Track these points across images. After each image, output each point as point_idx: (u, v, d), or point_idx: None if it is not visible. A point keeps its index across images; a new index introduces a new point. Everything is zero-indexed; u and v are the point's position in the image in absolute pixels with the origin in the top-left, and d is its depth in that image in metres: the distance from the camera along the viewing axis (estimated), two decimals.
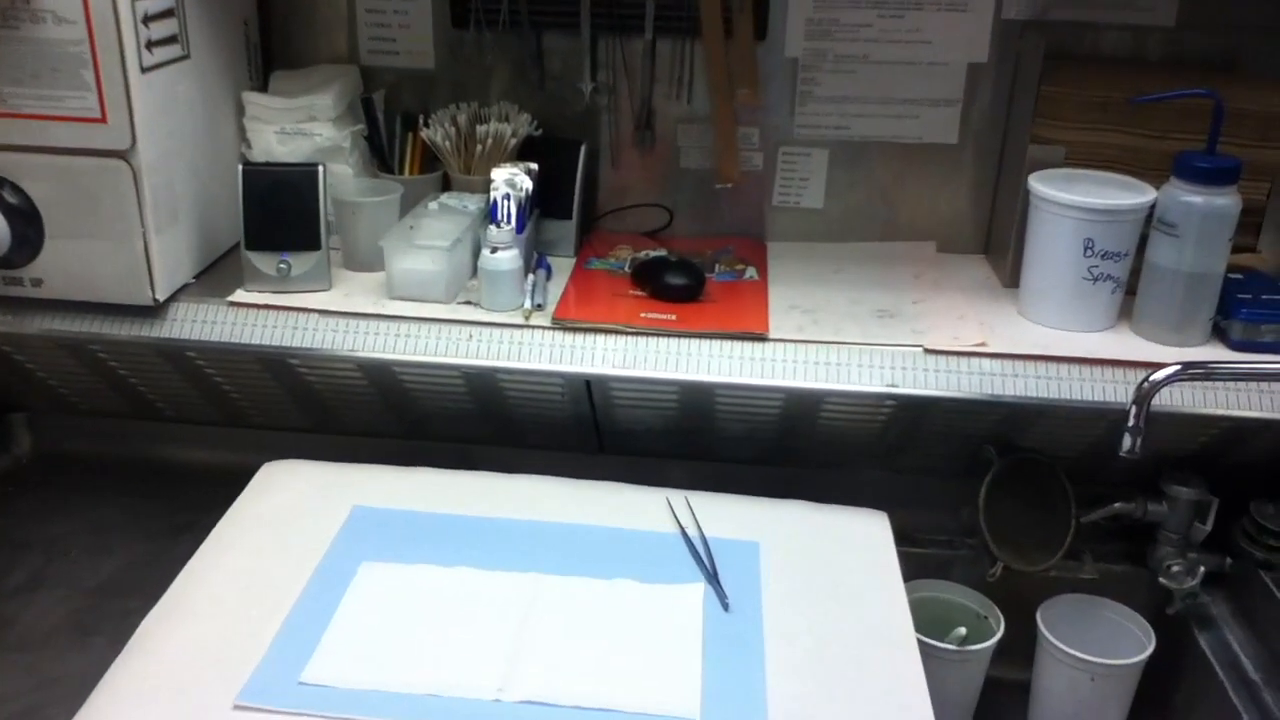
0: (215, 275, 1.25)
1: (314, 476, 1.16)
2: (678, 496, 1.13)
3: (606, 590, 1.00)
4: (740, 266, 1.31)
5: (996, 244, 1.36)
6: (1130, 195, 1.15)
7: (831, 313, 1.21)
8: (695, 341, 1.15)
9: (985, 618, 1.23)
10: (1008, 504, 1.23)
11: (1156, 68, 1.27)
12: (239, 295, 1.19)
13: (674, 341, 1.15)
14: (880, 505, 1.13)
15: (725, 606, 0.98)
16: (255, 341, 1.17)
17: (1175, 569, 1.20)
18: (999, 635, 1.18)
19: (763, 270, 1.31)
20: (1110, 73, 1.23)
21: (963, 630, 1.19)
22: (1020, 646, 1.23)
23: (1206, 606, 1.22)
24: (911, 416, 1.18)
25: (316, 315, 1.18)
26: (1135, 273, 1.18)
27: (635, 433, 1.30)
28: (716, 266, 1.31)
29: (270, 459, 1.18)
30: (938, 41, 1.31)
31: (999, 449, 1.23)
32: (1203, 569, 1.20)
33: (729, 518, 1.11)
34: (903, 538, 1.10)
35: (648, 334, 1.16)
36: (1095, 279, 1.16)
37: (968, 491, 1.26)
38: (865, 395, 1.13)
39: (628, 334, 1.16)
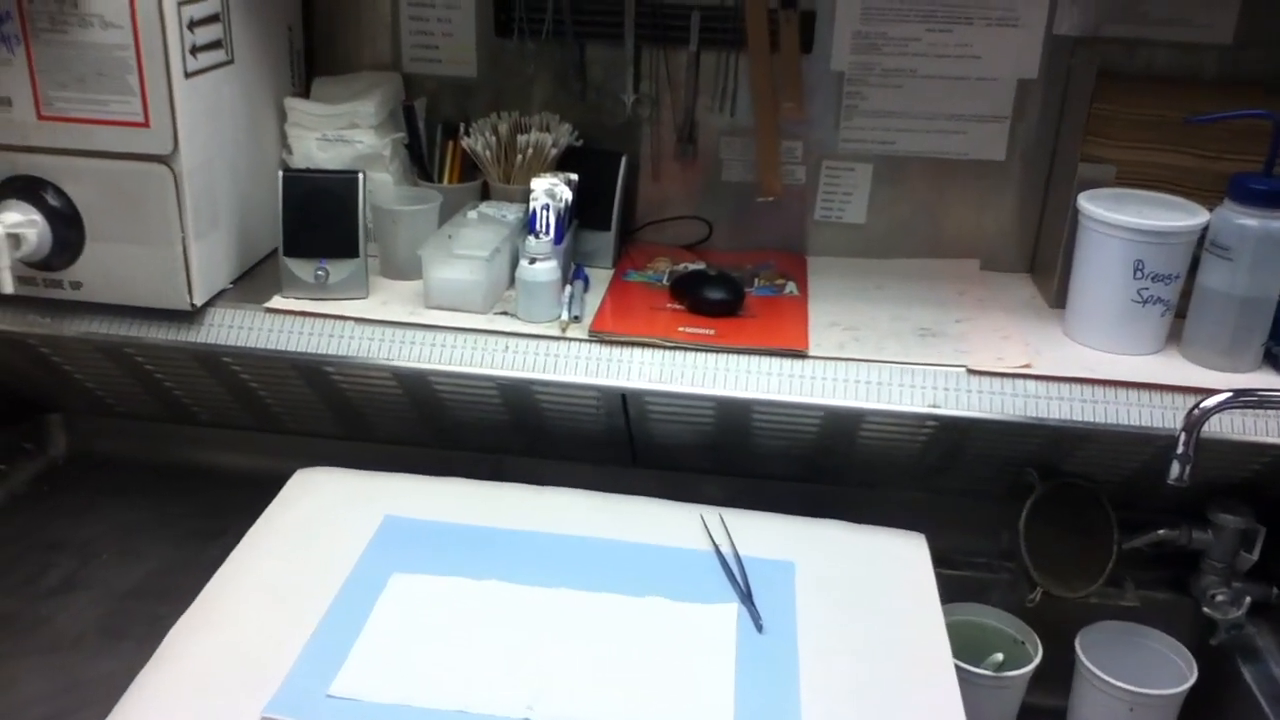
0: (253, 281, 1.25)
1: (346, 484, 1.15)
2: (712, 513, 1.12)
3: (638, 608, 0.98)
4: (780, 281, 1.30)
5: (1042, 263, 1.33)
6: (1182, 216, 1.12)
7: (873, 330, 1.19)
8: (734, 357, 1.14)
9: (1022, 643, 1.20)
10: (1049, 529, 1.20)
11: (1211, 87, 1.24)
12: (276, 302, 1.19)
13: (712, 357, 1.14)
14: (917, 526, 1.11)
15: (759, 627, 0.97)
16: (291, 348, 1.16)
17: (1219, 598, 1.17)
18: (1036, 662, 1.16)
19: (803, 285, 1.29)
20: (1164, 91, 1.20)
21: (999, 656, 1.17)
22: (1057, 673, 1.20)
23: (1251, 638, 1.19)
24: (953, 438, 1.16)
25: (353, 323, 1.18)
26: (1185, 295, 1.15)
27: (670, 447, 1.28)
28: (756, 281, 1.29)
29: (302, 465, 1.18)
30: (987, 57, 1.29)
31: (1041, 473, 1.20)
32: (1249, 599, 1.17)
33: (764, 536, 1.09)
34: (940, 560, 1.08)
35: (686, 349, 1.14)
36: (1144, 301, 1.13)
37: (1007, 514, 1.23)
38: (906, 415, 1.11)
39: (665, 348, 1.14)
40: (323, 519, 1.09)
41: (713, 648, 0.94)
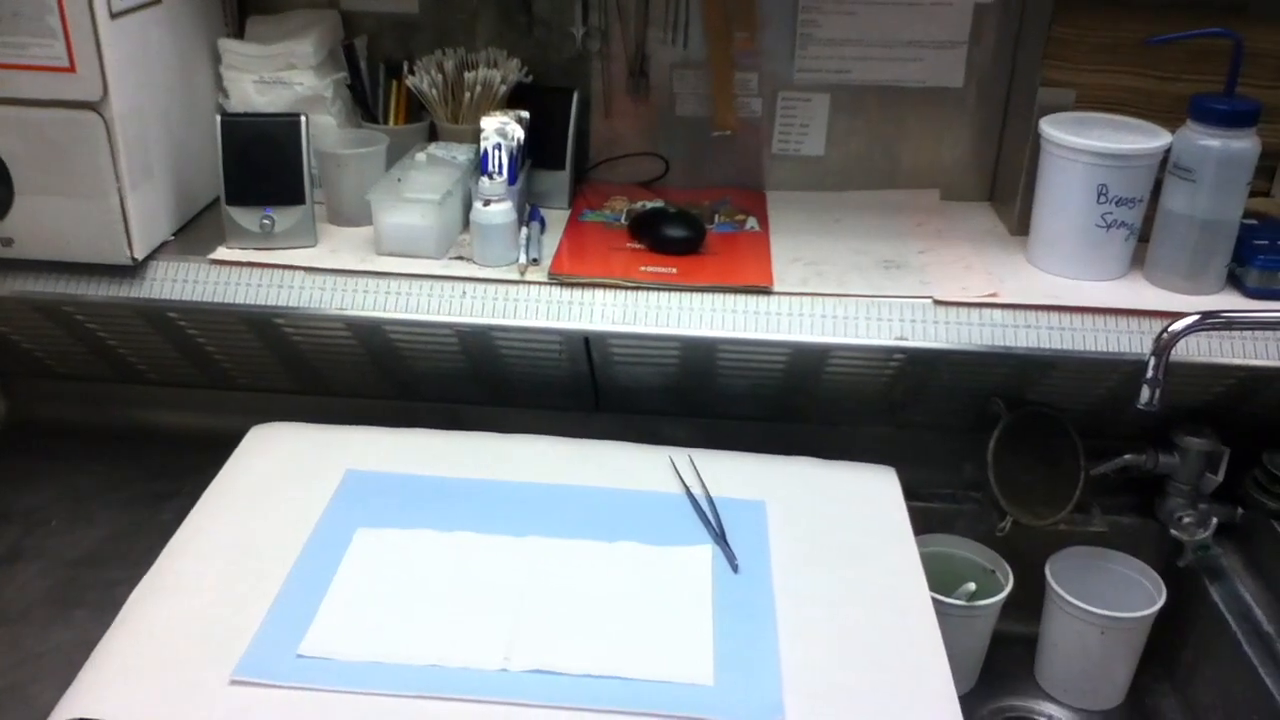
0: (195, 232, 1.20)
1: (304, 439, 1.12)
2: (680, 455, 1.10)
3: (611, 554, 0.97)
4: (740, 217, 1.27)
5: (1002, 191, 1.32)
6: (1144, 139, 1.11)
7: (836, 264, 1.17)
8: (697, 296, 1.11)
9: (993, 572, 1.21)
10: (1016, 458, 1.20)
11: (1170, 7, 1.22)
12: (221, 253, 1.15)
13: (675, 296, 1.11)
14: (885, 460, 1.11)
15: (735, 568, 0.95)
16: (239, 301, 1.12)
17: (1186, 520, 1.18)
18: (1008, 590, 1.16)
19: (763, 221, 1.27)
20: (1122, 13, 1.18)
21: (972, 586, 1.17)
22: (1028, 600, 1.21)
23: (1218, 558, 1.20)
24: (920, 370, 1.15)
25: (302, 273, 1.13)
26: (1148, 220, 1.14)
27: (634, 390, 1.26)
28: (716, 217, 1.27)
29: (255, 421, 1.15)
30: None
31: (1007, 402, 1.20)
32: (1215, 520, 1.18)
33: (734, 476, 1.08)
34: (908, 493, 1.08)
35: (648, 288, 1.12)
36: (1108, 226, 1.12)
37: (973, 445, 1.23)
38: (873, 349, 1.10)
39: (627, 288, 1.12)
40: (282, 476, 1.06)
41: (689, 590, 0.93)
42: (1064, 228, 1.14)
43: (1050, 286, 1.13)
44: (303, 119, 1.15)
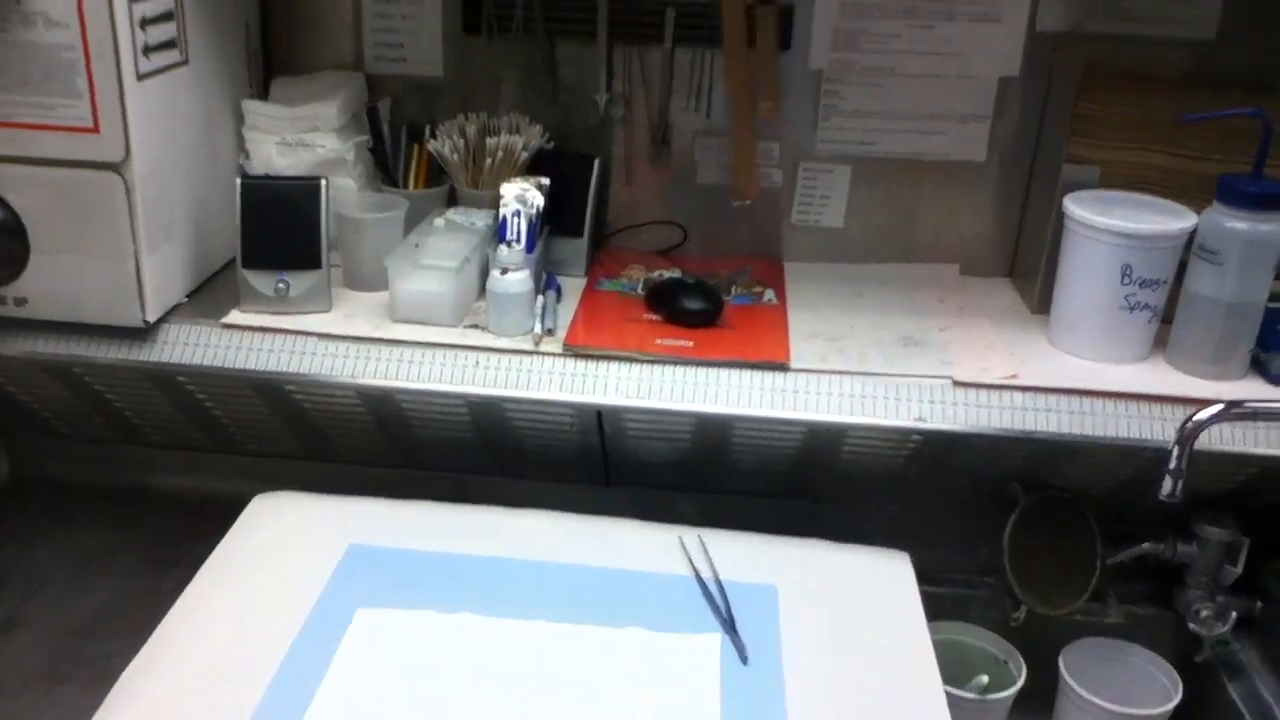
0: (209, 295, 1.20)
1: (306, 510, 1.11)
2: (690, 535, 1.08)
3: (618, 640, 0.95)
4: (758, 289, 1.26)
5: (1023, 268, 1.30)
6: (1171, 220, 1.09)
7: (854, 340, 1.16)
8: (713, 371, 1.10)
9: (1005, 662, 1.18)
10: (1031, 543, 1.18)
11: (1197, 86, 1.21)
12: (234, 317, 1.14)
13: (691, 370, 1.10)
14: (896, 541, 1.09)
15: (744, 659, 0.93)
16: (250, 366, 1.11)
17: (1204, 614, 1.15)
18: (1021, 683, 1.13)
19: (781, 293, 1.26)
20: (1150, 90, 1.17)
21: (984, 678, 1.14)
22: (1039, 691, 1.18)
23: (1236, 654, 1.17)
24: (937, 451, 1.12)
25: (316, 339, 1.13)
26: (1171, 301, 1.12)
27: (645, 465, 1.24)
28: (733, 289, 1.26)
29: (258, 487, 1.13)
30: (968, 54, 1.25)
31: (1024, 486, 1.17)
32: (1234, 614, 1.14)
33: (745, 558, 1.06)
34: (920, 576, 1.05)
35: (663, 362, 1.10)
36: (1132, 308, 1.10)
37: (987, 528, 1.21)
38: (891, 430, 1.08)
39: (643, 362, 1.10)
40: (283, 548, 1.04)
41: (696, 682, 0.90)
42: (1086, 309, 1.12)
43: (1072, 369, 1.11)
44: (323, 183, 1.14)
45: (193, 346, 1.12)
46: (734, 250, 1.35)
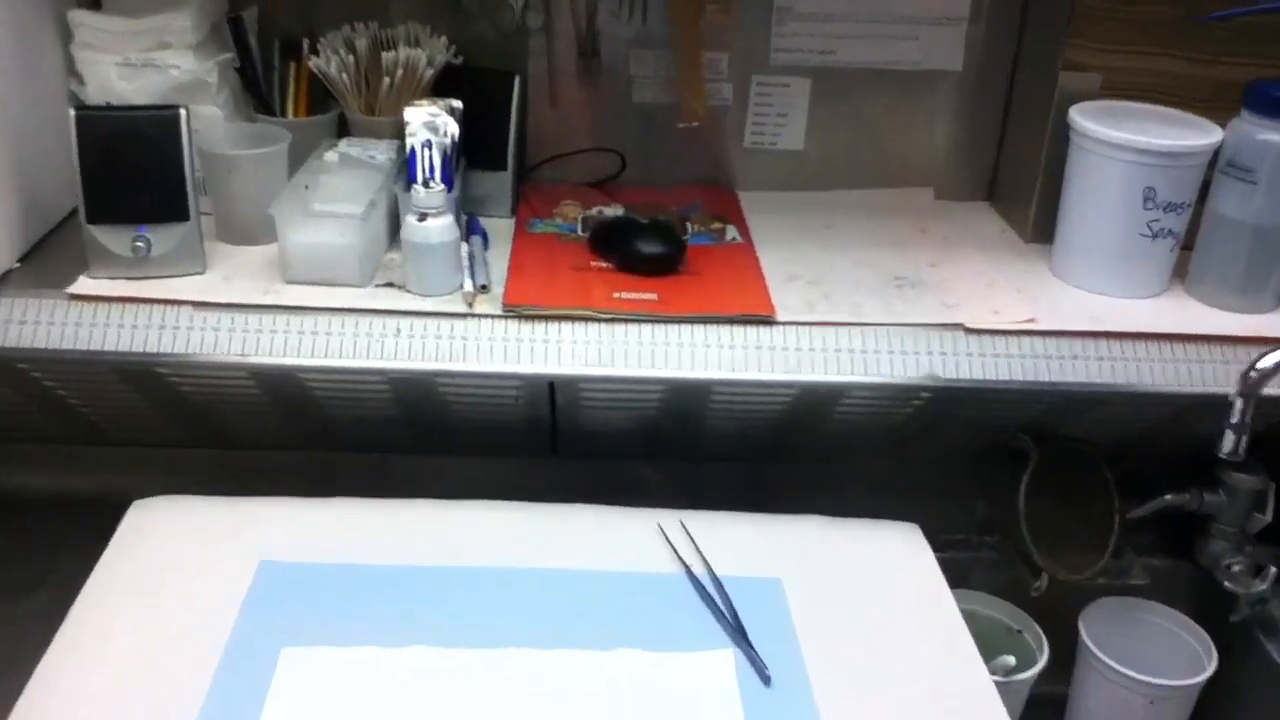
0: (48, 256, 0.95)
1: (200, 516, 0.90)
2: (670, 519, 0.91)
3: (607, 666, 0.77)
4: (717, 225, 1.08)
5: (1007, 191, 1.16)
6: (1195, 134, 0.96)
7: (839, 282, 0.99)
8: (685, 329, 0.92)
9: (1020, 632, 1.05)
10: (1044, 501, 1.05)
11: None
12: (83, 285, 0.90)
13: (659, 330, 0.92)
14: (882, 500, 0.96)
15: (766, 680, 0.77)
16: (109, 347, 0.88)
17: (1236, 568, 1.05)
18: (1045, 660, 1.01)
19: (744, 229, 1.08)
20: None
21: (1011, 660, 1.01)
22: (1055, 655, 1.05)
23: (1272, 609, 1.07)
24: (944, 407, 0.98)
25: (190, 308, 0.90)
26: (1192, 226, 1.00)
27: (599, 433, 1.06)
28: (689, 226, 1.07)
29: (134, 484, 0.92)
30: None
31: (1035, 437, 1.04)
32: (1274, 570, 1.04)
33: (737, 546, 0.90)
34: None
35: (625, 320, 0.92)
36: (1154, 235, 0.97)
37: (986, 479, 1.09)
38: (898, 388, 0.92)
39: (601, 321, 0.92)
40: (177, 569, 0.83)
41: (712, 712, 0.74)
42: (1101, 237, 0.98)
43: (1089, 306, 0.98)
44: (182, 112, 0.91)
45: (33, 325, 0.88)
46: (679, 179, 1.17)
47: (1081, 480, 1.06)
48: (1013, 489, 1.05)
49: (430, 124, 0.97)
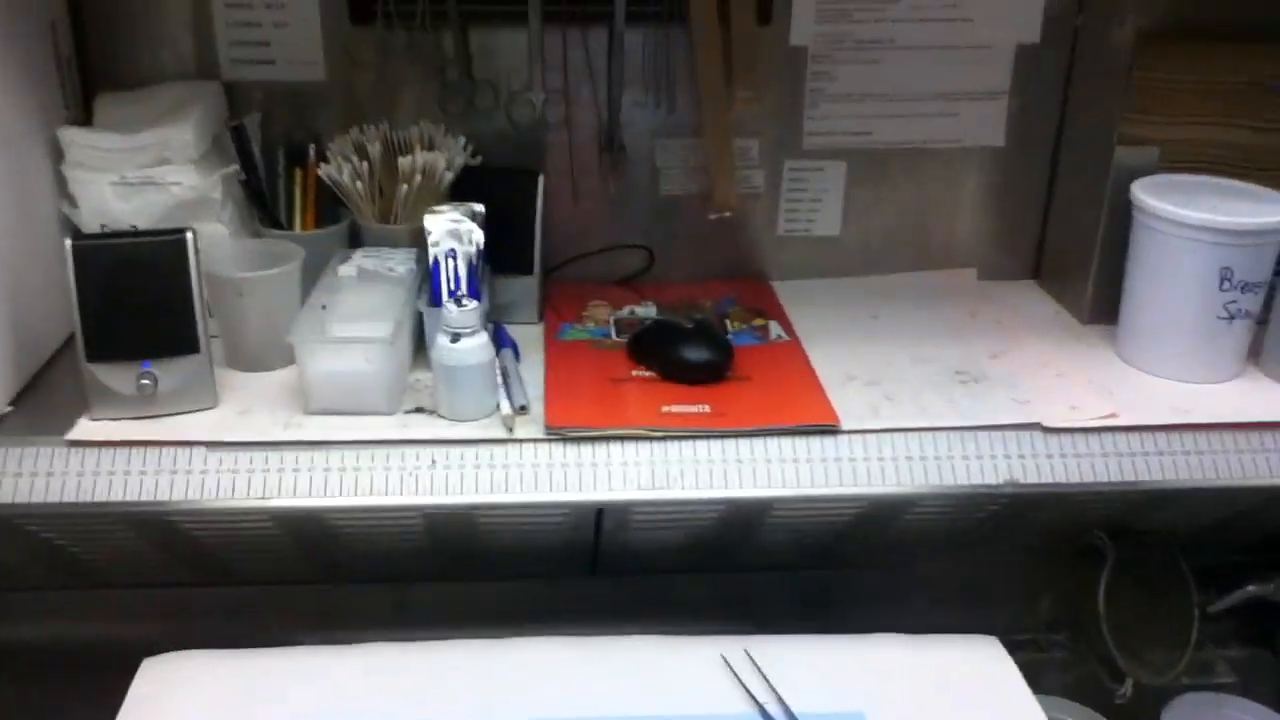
0: (42, 397, 0.87)
1: (220, 674, 0.82)
2: (732, 648, 0.84)
3: None
4: (759, 322, 1.02)
5: (1055, 269, 1.10)
6: (1270, 208, 0.90)
7: (899, 380, 0.93)
8: (745, 442, 0.85)
9: None
10: (1122, 599, 0.98)
11: (1255, 39, 1.01)
12: (84, 429, 0.82)
13: (715, 446, 0.85)
14: (943, 602, 0.95)
15: None
16: (116, 498, 0.80)
17: None
18: None
19: (786, 324, 1.02)
20: (1215, 51, 0.97)
21: None
22: None
23: None
24: (1019, 510, 0.91)
25: (204, 449, 0.82)
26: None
27: (642, 552, 0.99)
28: (729, 324, 1.01)
29: (139, 626, 0.88)
30: (979, 19, 1.04)
31: (1110, 533, 0.97)
32: None
33: (811, 675, 0.83)
34: None
35: (678, 437, 0.85)
36: (1231, 317, 0.91)
37: (1050, 576, 1.02)
38: (976, 495, 0.85)
39: (653, 439, 0.84)
40: None
41: None
42: (1176, 320, 0.92)
43: (1167, 395, 0.91)
44: (189, 235, 0.83)
45: (29, 477, 0.80)
46: (709, 273, 1.10)
47: (1158, 575, 1.00)
48: (1084, 587, 0.99)
49: (454, 232, 0.91)
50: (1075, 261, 1.05)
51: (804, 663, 0.84)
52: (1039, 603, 1.06)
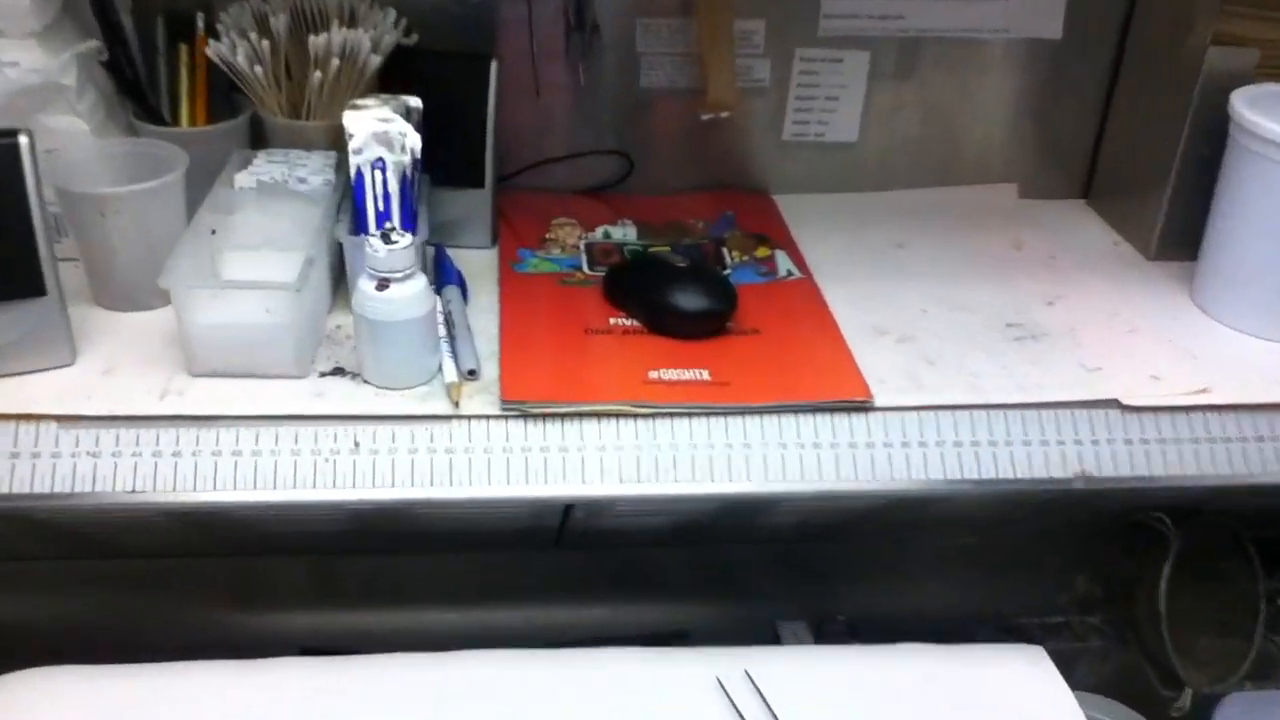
0: None
1: (88, 696, 0.64)
2: (730, 665, 0.68)
3: None
4: (763, 252, 0.83)
5: (1112, 191, 0.93)
6: None
7: (939, 336, 0.75)
8: (754, 420, 0.67)
9: None
10: (1178, 592, 0.83)
11: None
12: None
13: (717, 425, 0.67)
14: (950, 579, 0.83)
15: None
16: None
17: None
18: None
19: (797, 257, 0.83)
20: None
21: None
22: None
23: None
24: (1079, 500, 0.75)
25: (55, 425, 0.63)
26: None
27: (616, 531, 0.82)
28: (727, 255, 0.82)
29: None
30: None
31: (1174, 518, 0.82)
32: None
33: (825, 698, 0.68)
34: (997, 624, 0.83)
35: (668, 414, 0.67)
36: None
37: (1088, 553, 0.87)
38: (1037, 488, 0.69)
39: (639, 417, 0.66)
40: None
41: None
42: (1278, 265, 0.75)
43: (1262, 361, 0.75)
44: (23, 140, 0.62)
45: None
46: (701, 183, 0.91)
47: (1221, 560, 0.85)
48: (1136, 573, 0.84)
49: (382, 135, 0.70)
50: (1142, 184, 0.87)
51: (814, 682, 0.68)
52: (1071, 581, 0.91)
